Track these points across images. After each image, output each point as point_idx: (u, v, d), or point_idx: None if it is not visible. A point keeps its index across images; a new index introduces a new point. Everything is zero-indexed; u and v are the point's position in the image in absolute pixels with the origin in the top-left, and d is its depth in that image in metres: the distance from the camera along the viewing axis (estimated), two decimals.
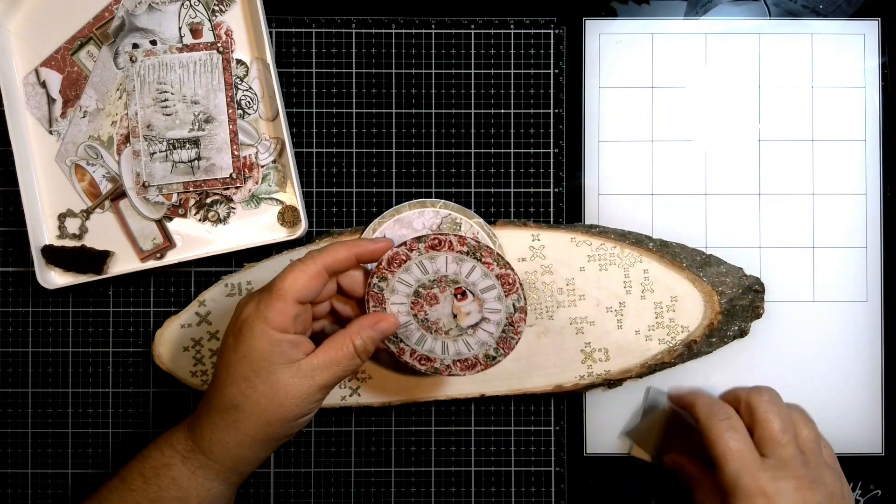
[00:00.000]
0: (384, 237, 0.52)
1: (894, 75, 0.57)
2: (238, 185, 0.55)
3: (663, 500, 0.56)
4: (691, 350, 0.54)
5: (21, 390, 0.56)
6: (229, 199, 0.55)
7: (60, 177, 0.55)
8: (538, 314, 0.54)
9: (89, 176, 0.55)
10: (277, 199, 0.55)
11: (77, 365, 0.56)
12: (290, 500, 0.56)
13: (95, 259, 0.54)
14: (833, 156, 0.56)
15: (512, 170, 0.56)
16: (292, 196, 0.55)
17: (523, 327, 0.48)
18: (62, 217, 0.55)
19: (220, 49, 0.54)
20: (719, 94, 0.57)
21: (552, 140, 0.56)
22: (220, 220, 0.55)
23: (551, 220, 0.56)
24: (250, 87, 0.55)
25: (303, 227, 0.54)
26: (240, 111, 0.55)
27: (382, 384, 0.54)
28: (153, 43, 0.55)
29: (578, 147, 0.57)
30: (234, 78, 0.54)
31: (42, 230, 0.55)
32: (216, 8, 0.55)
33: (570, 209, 0.56)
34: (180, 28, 0.55)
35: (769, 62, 0.57)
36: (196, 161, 0.54)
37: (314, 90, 0.56)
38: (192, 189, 0.55)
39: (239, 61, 0.55)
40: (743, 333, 0.55)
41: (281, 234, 0.55)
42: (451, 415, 0.56)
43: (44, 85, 0.55)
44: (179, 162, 0.54)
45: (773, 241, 0.56)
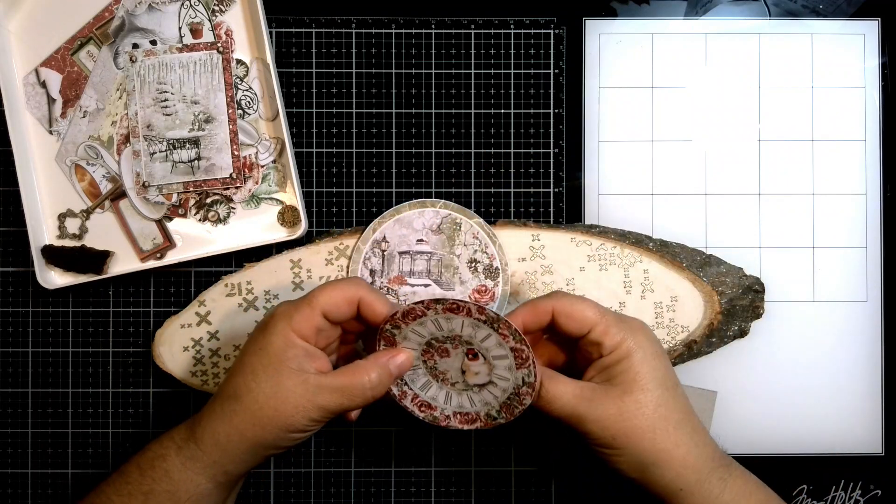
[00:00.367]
0: (396, 303, 0.50)
1: (894, 75, 0.57)
2: (238, 185, 0.55)
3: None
4: (691, 350, 0.54)
5: (21, 390, 0.56)
6: (229, 199, 0.55)
7: (60, 177, 0.55)
8: None
9: (89, 176, 0.55)
10: (277, 199, 0.55)
11: (77, 365, 0.56)
12: (290, 500, 0.56)
13: (95, 259, 0.54)
14: (833, 156, 0.56)
15: (512, 170, 0.56)
16: (292, 196, 0.55)
17: (529, 401, 0.46)
18: (62, 217, 0.55)
19: (220, 49, 0.54)
20: (719, 94, 0.57)
21: (552, 140, 0.56)
22: (220, 220, 0.55)
23: (551, 220, 0.56)
24: (250, 87, 0.55)
25: (303, 227, 0.54)
26: (240, 111, 0.55)
27: None
28: (153, 43, 0.55)
29: (578, 147, 0.57)
30: (234, 78, 0.54)
31: (42, 230, 0.55)
32: (216, 8, 0.55)
33: (570, 209, 0.56)
34: (180, 28, 0.55)
35: (769, 62, 0.57)
36: (196, 161, 0.54)
37: (314, 90, 0.56)
38: (192, 189, 0.55)
39: (239, 61, 0.55)
40: (743, 333, 0.55)
41: (281, 234, 0.55)
42: None
43: (44, 85, 0.55)
44: (179, 162, 0.54)
45: (773, 241, 0.56)
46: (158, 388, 0.56)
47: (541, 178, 0.56)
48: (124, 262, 0.55)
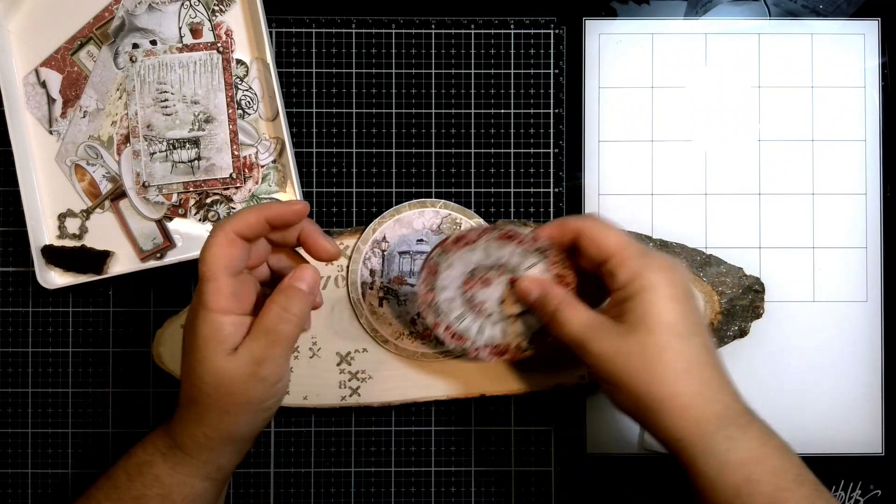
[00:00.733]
0: (301, 201, 0.50)
1: (894, 75, 0.57)
2: (238, 185, 0.55)
3: (649, 495, 0.56)
4: None
5: (21, 390, 0.56)
6: (229, 199, 0.55)
7: (60, 177, 0.55)
8: None
9: (89, 176, 0.55)
10: (277, 199, 0.55)
11: (77, 365, 0.56)
12: (290, 500, 0.56)
13: (95, 259, 0.54)
14: (833, 156, 0.56)
15: (512, 170, 0.56)
16: (292, 196, 0.55)
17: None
18: (62, 217, 0.55)
19: (220, 49, 0.54)
20: (719, 94, 0.57)
21: (552, 140, 0.56)
22: (220, 220, 0.55)
23: (551, 219, 0.56)
24: (250, 87, 0.55)
25: None
26: (240, 111, 0.55)
27: (382, 384, 0.54)
28: (153, 43, 0.55)
29: (578, 147, 0.57)
30: (234, 78, 0.54)
31: (42, 230, 0.55)
32: (216, 8, 0.55)
33: (570, 209, 0.56)
34: (180, 28, 0.55)
35: (769, 62, 0.57)
36: (196, 161, 0.54)
37: (314, 90, 0.56)
38: (192, 189, 0.55)
39: (239, 61, 0.55)
40: (743, 333, 0.55)
41: None
42: (451, 415, 0.56)
43: (44, 85, 0.55)
44: (179, 162, 0.54)
45: (773, 241, 0.56)
46: (158, 388, 0.56)
47: (541, 178, 0.56)
48: (124, 262, 0.55)
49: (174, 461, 0.44)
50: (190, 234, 0.55)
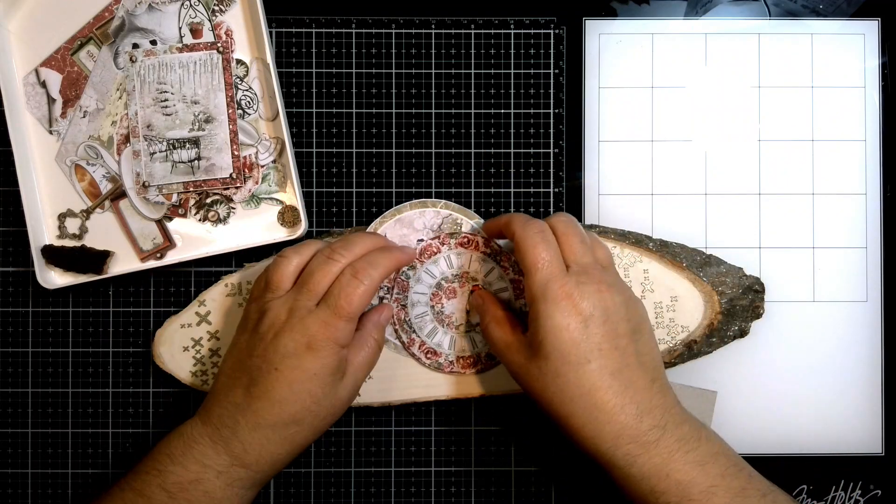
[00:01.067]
0: (412, 248, 0.53)
1: (894, 75, 0.57)
2: (238, 184, 0.55)
3: None
4: (691, 350, 0.54)
5: (21, 390, 0.56)
6: (229, 199, 0.55)
7: (60, 177, 0.55)
8: None
9: (89, 176, 0.55)
10: (277, 199, 0.55)
11: (77, 365, 0.56)
12: (290, 500, 0.56)
13: (95, 259, 0.54)
14: (833, 156, 0.56)
15: (512, 170, 0.56)
16: (292, 196, 0.55)
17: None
18: (62, 217, 0.55)
19: (220, 49, 0.54)
20: (719, 94, 0.57)
21: (552, 140, 0.56)
22: (220, 220, 0.55)
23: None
24: (250, 87, 0.55)
25: (303, 227, 0.54)
26: (240, 111, 0.55)
27: (382, 384, 0.54)
28: (153, 43, 0.55)
29: (578, 147, 0.57)
30: (234, 78, 0.54)
31: (42, 230, 0.55)
32: (216, 8, 0.55)
33: (570, 209, 0.56)
34: (180, 28, 0.55)
35: (769, 62, 0.57)
36: (196, 161, 0.54)
37: (314, 90, 0.56)
38: (192, 189, 0.55)
39: (239, 61, 0.55)
40: (743, 333, 0.55)
41: (281, 234, 0.55)
42: (450, 415, 0.56)
43: (44, 85, 0.55)
44: (179, 162, 0.54)
45: (773, 241, 0.56)
46: (158, 388, 0.56)
47: (541, 178, 0.56)
48: (124, 262, 0.55)
49: (233, 477, 0.45)
50: (190, 234, 0.55)
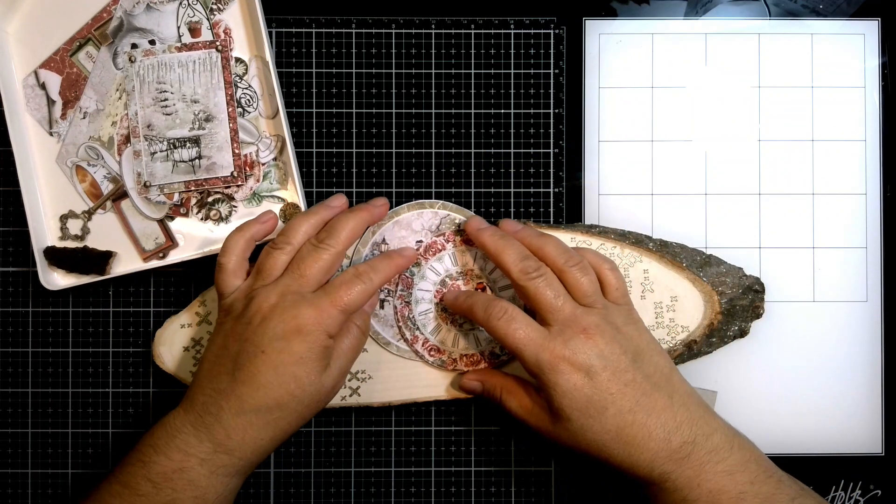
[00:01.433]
0: (405, 247, 0.53)
1: (894, 75, 0.57)
2: (239, 183, 0.55)
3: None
4: (691, 350, 0.54)
5: (21, 390, 0.56)
6: (231, 198, 0.55)
7: (61, 178, 0.55)
8: None
9: (90, 177, 0.55)
10: (279, 197, 0.55)
11: (77, 365, 0.56)
12: (290, 500, 0.56)
13: (98, 260, 0.54)
14: (833, 156, 0.56)
15: (512, 170, 0.56)
16: (294, 193, 0.55)
17: None
18: (64, 218, 0.55)
19: (219, 48, 0.54)
20: (719, 94, 0.57)
21: (552, 140, 0.56)
22: (222, 219, 0.55)
23: (551, 220, 0.56)
24: (250, 86, 0.55)
25: None
26: (240, 109, 0.55)
27: (382, 384, 0.54)
28: (152, 43, 0.55)
29: (578, 147, 0.57)
30: (233, 76, 0.54)
31: (44, 232, 0.55)
32: (214, 7, 0.55)
33: (570, 209, 0.56)
34: (179, 27, 0.55)
35: (769, 62, 0.57)
36: (197, 160, 0.54)
37: (314, 90, 0.56)
38: (193, 188, 0.55)
39: (238, 59, 0.55)
40: (743, 333, 0.55)
41: None
42: (451, 415, 0.56)
43: (43, 86, 0.55)
44: (180, 161, 0.54)
45: (773, 241, 0.56)
46: (158, 388, 0.56)
47: (541, 178, 0.56)
48: (127, 263, 0.55)
49: (217, 465, 0.45)
50: (192, 233, 0.55)
